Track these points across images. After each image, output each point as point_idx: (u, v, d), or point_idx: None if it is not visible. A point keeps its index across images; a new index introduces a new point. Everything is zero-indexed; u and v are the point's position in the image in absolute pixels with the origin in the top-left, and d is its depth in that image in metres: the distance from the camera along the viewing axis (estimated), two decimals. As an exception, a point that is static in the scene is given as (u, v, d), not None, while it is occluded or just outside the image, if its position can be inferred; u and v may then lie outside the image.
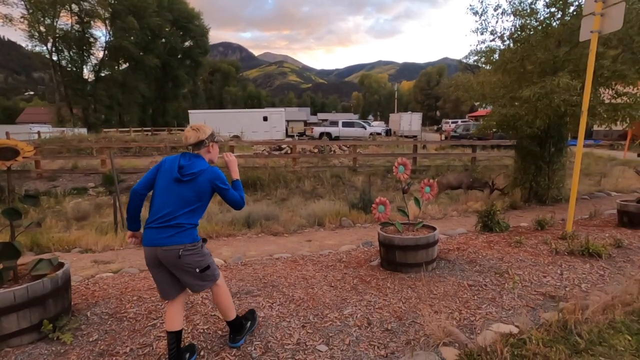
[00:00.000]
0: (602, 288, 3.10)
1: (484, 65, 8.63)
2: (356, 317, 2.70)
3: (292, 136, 30.20)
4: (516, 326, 2.49)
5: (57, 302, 2.47)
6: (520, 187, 7.48)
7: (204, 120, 24.76)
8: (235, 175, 2.27)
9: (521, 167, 7.65)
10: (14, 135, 21.37)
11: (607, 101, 6.56)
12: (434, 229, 3.72)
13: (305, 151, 16.12)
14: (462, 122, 31.13)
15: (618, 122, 6.51)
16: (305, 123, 44.56)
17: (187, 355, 2.17)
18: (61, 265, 2.65)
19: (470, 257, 3.87)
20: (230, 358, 2.22)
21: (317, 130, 27.85)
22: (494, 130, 8.50)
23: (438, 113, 69.63)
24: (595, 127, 21.53)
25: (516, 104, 6.77)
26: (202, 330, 2.52)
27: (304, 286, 3.26)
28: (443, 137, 26.43)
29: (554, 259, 3.78)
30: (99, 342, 2.39)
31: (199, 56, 50.81)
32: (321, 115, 59.92)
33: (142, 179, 2.12)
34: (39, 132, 23.78)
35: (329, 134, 26.54)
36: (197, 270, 2.07)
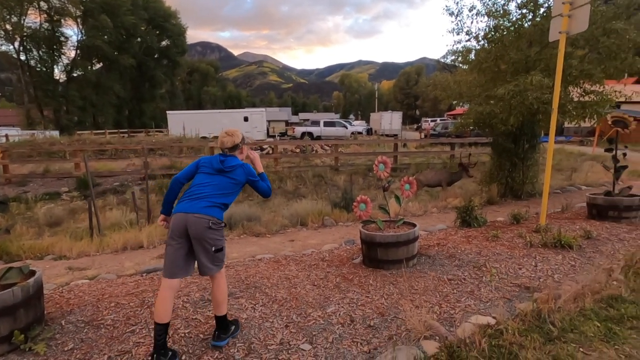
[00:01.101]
0: (573, 278, 3.24)
1: (460, 65, 8.84)
2: (339, 314, 2.71)
3: (273, 136, 30.03)
4: (493, 317, 2.57)
5: (28, 311, 2.37)
6: (496, 182, 7.70)
7: (183, 122, 24.31)
8: (260, 168, 2.57)
9: (497, 163, 7.88)
10: (-20, 138, 20.33)
11: (576, 99, 6.85)
12: (414, 225, 3.79)
13: (287, 151, 16.07)
14: (440, 120, 31.81)
15: (586, 119, 6.82)
16: (287, 123, 44.42)
17: (170, 355, 2.15)
18: (32, 273, 2.55)
19: (450, 252, 3.96)
20: (213, 361, 2.19)
21: (299, 130, 27.85)
22: (471, 128, 8.74)
23: (417, 112, 70.87)
24: (566, 124, 22.46)
25: (491, 102, 6.97)
26: (183, 335, 2.48)
27: (286, 286, 3.25)
28: (422, 136, 26.90)
29: (529, 252, 3.92)
30: (75, 351, 2.31)
31: (176, 56, 49.79)
32: (302, 115, 59.84)
33: (184, 171, 2.47)
34: (6, 135, 22.70)
35: (310, 134, 26.57)
36: (213, 249, 2.25)
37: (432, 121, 36.81)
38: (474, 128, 9.20)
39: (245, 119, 26.56)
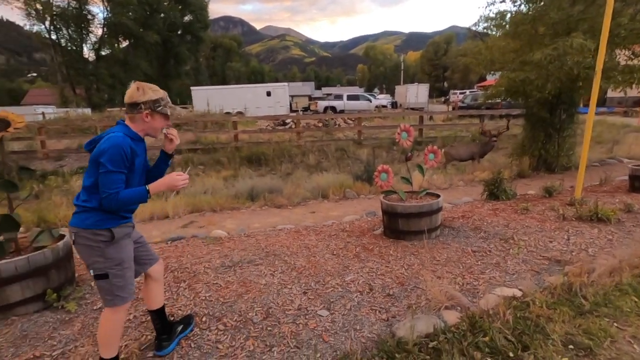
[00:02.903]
0: (610, 252, 3.04)
1: (493, 32, 8.27)
2: (358, 283, 2.69)
3: (296, 111, 29.80)
4: (520, 290, 2.46)
5: (59, 272, 2.49)
6: (528, 155, 7.30)
7: (207, 98, 24.48)
8: (157, 186, 1.71)
9: (530, 134, 7.43)
10: (19, 116, 21.36)
11: (622, 63, 6.25)
12: (437, 196, 3.65)
13: (310, 125, 15.93)
14: (470, 92, 30.31)
15: (634, 86, 6.23)
16: (310, 98, 43.81)
17: (180, 328, 2.10)
18: (62, 237, 2.66)
19: (475, 224, 3.82)
20: (232, 323, 2.23)
21: (322, 104, 27.42)
22: (503, 98, 8.23)
23: (446, 84, 67.97)
24: (610, 94, 20.82)
25: (526, 68, 6.49)
26: (204, 298, 2.54)
27: (306, 255, 3.25)
28: (450, 108, 25.85)
29: (561, 225, 3.71)
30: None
31: (199, 31, 49.56)
32: (325, 90, 58.77)
33: None
34: (43, 113, 23.78)
35: (333, 108, 26.12)
36: (92, 272, 1.68)
37: (461, 93, 35.17)
38: (506, 99, 8.67)
39: (268, 94, 26.40)
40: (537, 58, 5.83)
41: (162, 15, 43.49)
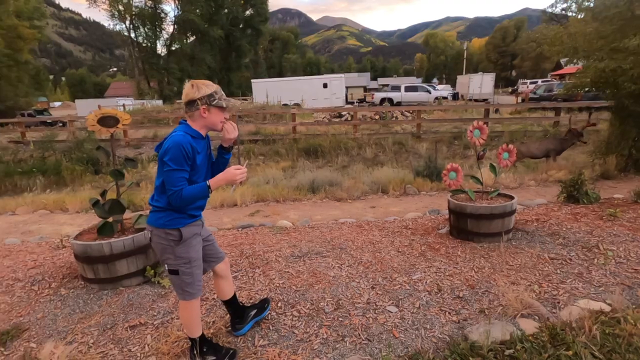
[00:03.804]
0: None
1: (573, 14, 7.46)
2: (426, 282, 2.69)
3: (352, 103, 29.64)
4: (608, 304, 2.29)
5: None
6: (615, 154, 6.55)
7: (266, 90, 25.32)
8: (217, 181, 1.74)
9: (618, 131, 6.65)
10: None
11: None
12: (511, 197, 3.48)
13: (366, 118, 15.79)
14: (543, 82, 27.69)
15: None
16: (365, 89, 43.26)
17: (254, 312, 2.20)
18: (157, 220, 3.00)
19: (552, 229, 3.57)
20: (305, 311, 2.37)
21: (378, 95, 26.92)
22: (586, 89, 7.45)
23: (514, 73, 62.70)
24: None
25: (617, 56, 5.79)
26: (278, 285, 2.72)
27: (371, 250, 3.31)
28: (519, 100, 23.89)
29: (658, 235, 3.32)
30: (191, 288, 2.71)
31: (259, 24, 51.15)
32: (382, 80, 57.54)
33: None
34: (124, 105, 26.41)
35: (390, 100, 25.52)
36: (166, 267, 1.83)
37: (531, 83, 32.27)
38: (589, 89, 7.82)
39: (325, 86, 26.58)
40: (633, 44, 5.21)
41: (225, 10, 45.54)
